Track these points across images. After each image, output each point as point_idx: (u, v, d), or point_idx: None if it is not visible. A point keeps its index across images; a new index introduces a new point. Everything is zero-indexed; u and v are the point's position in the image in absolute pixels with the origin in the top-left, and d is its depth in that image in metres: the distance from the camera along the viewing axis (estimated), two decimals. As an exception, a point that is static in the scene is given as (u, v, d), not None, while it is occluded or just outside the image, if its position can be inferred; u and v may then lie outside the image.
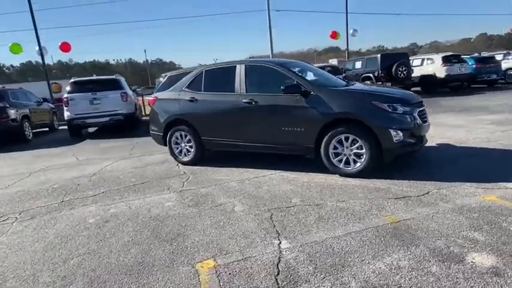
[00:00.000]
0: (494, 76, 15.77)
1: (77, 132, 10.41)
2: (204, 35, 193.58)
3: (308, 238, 2.81)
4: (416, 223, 2.92)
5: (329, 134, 4.29)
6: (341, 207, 3.40)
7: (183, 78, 5.55)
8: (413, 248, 2.54)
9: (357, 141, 4.17)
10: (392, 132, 4.03)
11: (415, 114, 4.24)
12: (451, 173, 4.14)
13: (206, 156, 5.64)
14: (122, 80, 10.95)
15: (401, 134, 4.05)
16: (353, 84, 5.11)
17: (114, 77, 10.96)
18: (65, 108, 9.94)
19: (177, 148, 5.66)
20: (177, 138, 5.62)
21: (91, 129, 11.51)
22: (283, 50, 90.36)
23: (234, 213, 3.47)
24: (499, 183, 3.69)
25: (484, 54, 21.56)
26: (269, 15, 21.24)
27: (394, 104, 4.13)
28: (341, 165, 4.34)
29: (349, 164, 4.30)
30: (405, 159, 4.78)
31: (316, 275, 2.30)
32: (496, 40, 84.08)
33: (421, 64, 15.26)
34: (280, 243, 2.77)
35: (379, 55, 14.46)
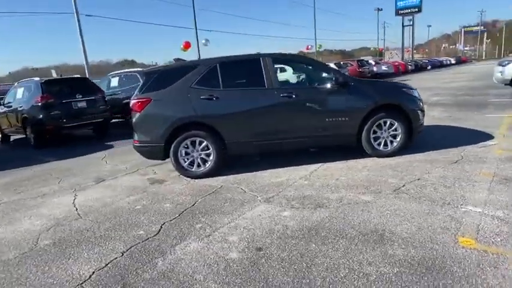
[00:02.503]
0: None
1: None
2: None
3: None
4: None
5: (371, 120, 4.66)
6: (442, 175, 3.87)
7: (188, 74, 4.56)
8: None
9: (393, 124, 4.74)
10: (420, 113, 4.84)
11: (420, 98, 5.21)
12: (444, 140, 5.31)
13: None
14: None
15: (422, 114, 4.92)
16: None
17: None
18: None
19: (187, 159, 4.59)
20: (186, 147, 4.55)
21: None
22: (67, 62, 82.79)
23: (387, 196, 3.35)
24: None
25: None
26: (78, 20, 18.16)
27: (413, 90, 4.96)
28: (381, 147, 4.80)
29: (387, 146, 4.81)
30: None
31: None
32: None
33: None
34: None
35: None
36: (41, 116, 7.95)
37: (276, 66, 4.75)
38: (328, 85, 4.58)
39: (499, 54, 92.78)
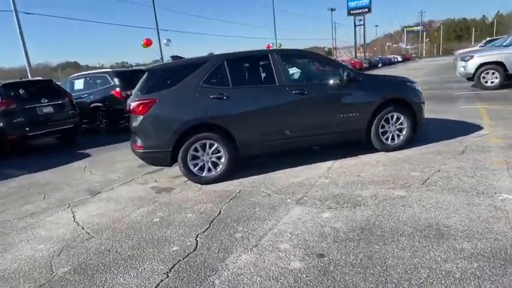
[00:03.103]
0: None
1: None
2: None
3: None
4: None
5: (380, 114, 4.67)
6: (458, 165, 3.96)
7: (194, 72, 4.22)
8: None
9: (400, 118, 4.79)
10: (423, 106, 4.94)
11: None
12: (440, 132, 5.49)
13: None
14: None
15: (424, 107, 5.03)
16: None
17: None
18: None
19: (197, 164, 4.25)
20: (195, 150, 4.21)
21: None
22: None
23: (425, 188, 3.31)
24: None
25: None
26: (18, 18, 16.32)
27: (414, 83, 5.05)
28: (388, 142, 4.83)
29: (394, 140, 4.86)
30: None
31: None
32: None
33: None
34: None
35: None
36: (1, 124, 7.04)
37: (289, 62, 4.59)
38: (339, 80, 4.51)
39: (437, 52, 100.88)
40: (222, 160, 4.29)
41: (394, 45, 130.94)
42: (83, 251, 2.90)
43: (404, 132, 4.85)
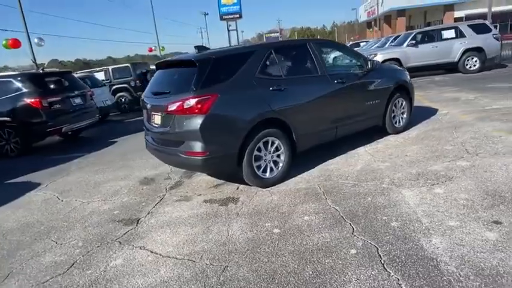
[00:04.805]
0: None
1: None
2: None
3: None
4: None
5: (392, 99, 5.11)
6: (469, 136, 4.69)
7: (248, 61, 3.69)
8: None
9: (403, 102, 5.35)
10: (414, 91, 5.63)
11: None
12: (416, 115, 6.34)
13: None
14: None
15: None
16: None
17: None
18: None
19: (260, 166, 3.76)
20: (258, 150, 3.71)
21: None
22: None
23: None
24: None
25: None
26: None
27: (406, 71, 5.68)
28: (397, 125, 5.33)
29: (400, 122, 5.39)
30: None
31: None
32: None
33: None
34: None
35: (129, 64, 13.47)
36: None
37: (321, 51, 4.50)
38: (364, 69, 4.73)
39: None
40: (282, 158, 3.93)
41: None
42: None
43: (405, 115, 5.45)
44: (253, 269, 2.42)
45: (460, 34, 11.40)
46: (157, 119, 3.85)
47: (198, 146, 3.41)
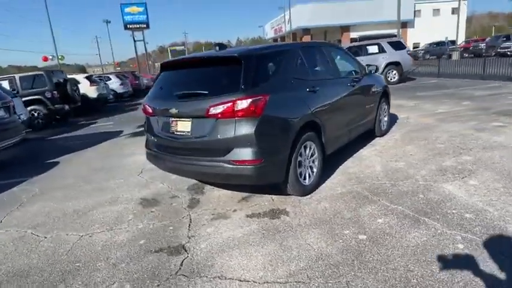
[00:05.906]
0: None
1: None
2: None
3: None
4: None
5: (380, 102, 5.41)
6: (457, 130, 5.25)
7: (284, 61, 3.43)
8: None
9: (385, 106, 5.71)
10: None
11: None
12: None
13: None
14: None
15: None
16: None
17: None
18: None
19: (301, 173, 3.49)
20: (300, 155, 3.45)
21: None
22: None
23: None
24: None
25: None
26: None
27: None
28: (382, 128, 5.66)
29: (384, 125, 5.74)
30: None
31: None
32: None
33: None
34: None
35: (44, 72, 11.29)
36: None
37: (330, 54, 4.49)
38: (364, 73, 4.93)
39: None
40: (316, 163, 3.75)
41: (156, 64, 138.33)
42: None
43: (386, 118, 5.84)
44: (381, 279, 2.18)
45: (382, 50, 12.96)
46: (183, 125, 3.28)
47: (251, 153, 2.99)
